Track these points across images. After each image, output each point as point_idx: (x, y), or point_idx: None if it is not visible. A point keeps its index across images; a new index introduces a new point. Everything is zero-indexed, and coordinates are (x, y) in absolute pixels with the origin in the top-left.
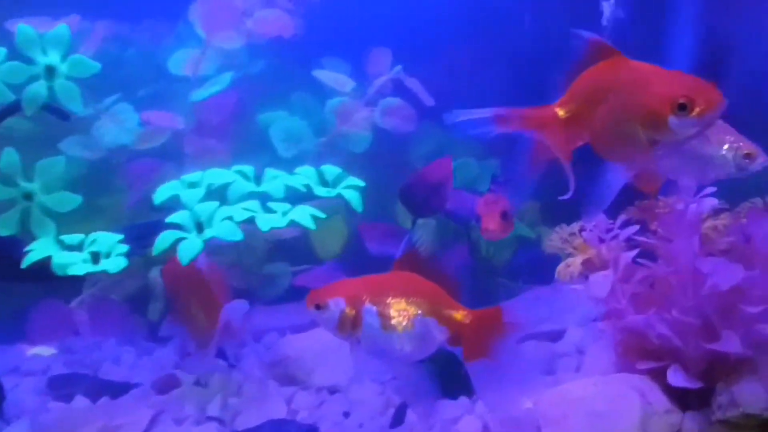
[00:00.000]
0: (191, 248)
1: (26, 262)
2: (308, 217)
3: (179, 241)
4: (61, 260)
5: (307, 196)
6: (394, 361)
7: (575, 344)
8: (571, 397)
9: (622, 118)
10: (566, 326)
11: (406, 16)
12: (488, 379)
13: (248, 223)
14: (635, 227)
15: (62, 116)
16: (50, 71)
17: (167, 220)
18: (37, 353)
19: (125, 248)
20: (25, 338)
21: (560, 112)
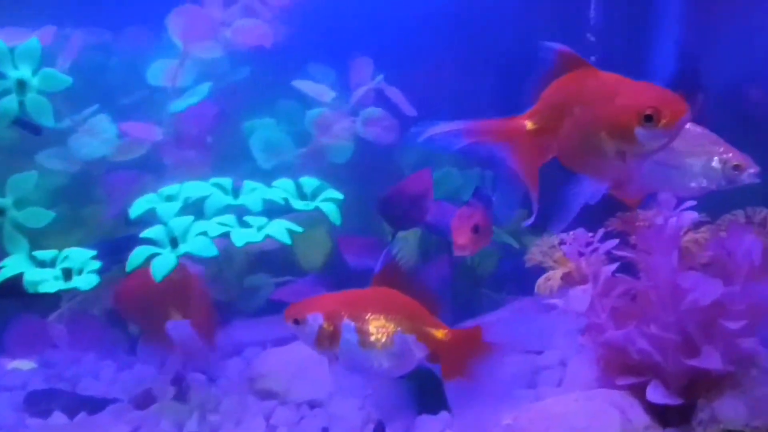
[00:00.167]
0: (164, 264)
1: None
2: (284, 231)
3: (153, 256)
4: (32, 277)
5: (285, 209)
6: (372, 377)
7: (558, 357)
8: (551, 412)
9: (589, 129)
10: (548, 348)
11: (388, 25)
12: (465, 398)
13: (224, 237)
14: (615, 241)
15: (33, 131)
16: (21, 85)
17: (141, 235)
18: (16, 367)
19: (97, 265)
20: (4, 352)
21: (528, 123)
